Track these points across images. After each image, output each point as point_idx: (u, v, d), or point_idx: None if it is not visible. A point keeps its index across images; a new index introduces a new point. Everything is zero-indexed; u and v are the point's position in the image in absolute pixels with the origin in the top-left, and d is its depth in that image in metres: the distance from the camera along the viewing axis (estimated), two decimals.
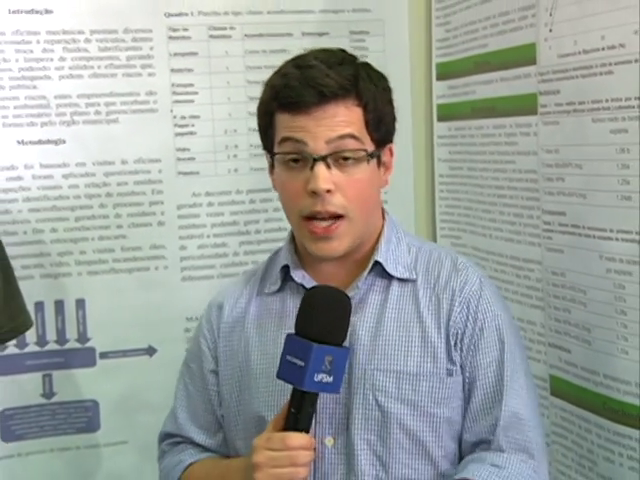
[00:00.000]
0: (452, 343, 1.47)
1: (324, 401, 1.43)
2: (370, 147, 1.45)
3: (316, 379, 1.34)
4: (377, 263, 1.50)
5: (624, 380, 1.64)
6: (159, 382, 2.14)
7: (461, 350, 1.47)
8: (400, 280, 1.51)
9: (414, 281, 1.51)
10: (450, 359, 1.47)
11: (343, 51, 1.51)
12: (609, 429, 1.69)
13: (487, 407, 1.47)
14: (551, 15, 1.76)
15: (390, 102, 1.51)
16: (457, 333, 1.48)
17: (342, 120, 1.42)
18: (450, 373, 1.47)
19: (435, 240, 2.34)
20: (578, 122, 1.71)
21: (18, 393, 2.13)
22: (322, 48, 1.52)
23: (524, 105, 1.89)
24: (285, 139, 1.44)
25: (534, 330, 1.92)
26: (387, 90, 1.51)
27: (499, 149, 2.03)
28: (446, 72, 2.27)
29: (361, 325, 1.47)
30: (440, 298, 1.49)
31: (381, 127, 1.48)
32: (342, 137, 1.42)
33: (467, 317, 1.48)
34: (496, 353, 1.48)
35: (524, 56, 1.88)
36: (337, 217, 1.43)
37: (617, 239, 1.63)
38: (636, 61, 1.54)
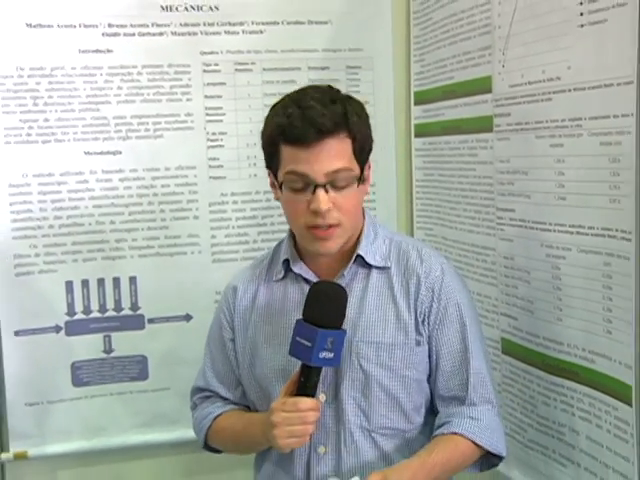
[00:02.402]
0: (420, 320, 1.47)
1: None
2: (357, 169, 1.43)
3: (320, 356, 1.35)
4: (359, 255, 1.50)
5: (559, 342, 1.65)
6: (194, 342, 2.10)
7: (428, 325, 1.48)
8: (378, 268, 1.50)
9: (389, 269, 1.50)
10: (418, 332, 1.48)
11: (330, 87, 1.46)
12: (547, 380, 1.71)
13: (456, 369, 1.48)
14: (503, 54, 1.77)
15: (369, 127, 1.47)
16: (424, 312, 1.48)
17: (336, 154, 1.39)
18: (418, 343, 1.48)
19: (412, 231, 2.35)
20: (524, 138, 1.72)
21: (85, 349, 2.15)
22: (315, 86, 1.47)
23: (482, 125, 1.90)
24: (291, 172, 1.40)
25: (489, 302, 1.93)
26: (366, 117, 1.47)
27: (463, 159, 2.04)
28: (422, 98, 2.27)
29: (348, 306, 1.45)
30: (408, 283, 1.49)
31: (365, 150, 1.45)
32: (337, 171, 1.39)
33: (432, 298, 1.48)
34: (458, 326, 1.49)
35: (482, 86, 1.88)
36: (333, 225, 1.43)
37: (554, 231, 1.64)
38: (569, 90, 1.55)
